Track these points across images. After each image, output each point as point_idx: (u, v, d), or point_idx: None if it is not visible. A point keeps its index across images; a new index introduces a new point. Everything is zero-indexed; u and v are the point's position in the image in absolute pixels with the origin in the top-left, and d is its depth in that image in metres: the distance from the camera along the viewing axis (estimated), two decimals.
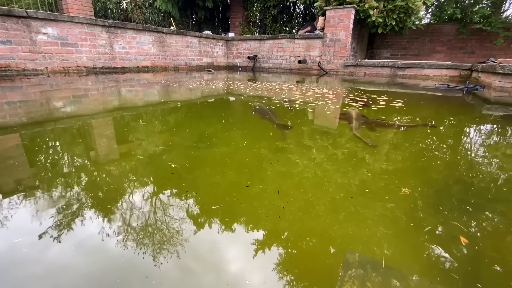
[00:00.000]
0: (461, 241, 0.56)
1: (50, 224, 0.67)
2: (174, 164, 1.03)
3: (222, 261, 0.57)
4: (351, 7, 5.68)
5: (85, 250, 0.59)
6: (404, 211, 0.76)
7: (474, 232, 0.68)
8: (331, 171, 1.01)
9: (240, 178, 0.93)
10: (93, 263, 0.55)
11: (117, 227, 0.67)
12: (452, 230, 0.69)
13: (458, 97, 3.03)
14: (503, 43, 6.97)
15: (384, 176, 0.98)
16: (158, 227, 0.68)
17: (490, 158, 1.20)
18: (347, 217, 0.73)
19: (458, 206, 0.80)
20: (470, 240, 0.65)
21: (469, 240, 0.65)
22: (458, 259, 0.59)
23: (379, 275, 0.54)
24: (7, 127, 1.48)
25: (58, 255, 0.57)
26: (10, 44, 3.83)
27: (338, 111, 2.10)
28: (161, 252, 0.59)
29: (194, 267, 0.55)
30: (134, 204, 0.77)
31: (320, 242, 0.63)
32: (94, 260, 0.56)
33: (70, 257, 0.57)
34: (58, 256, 0.57)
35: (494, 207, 0.80)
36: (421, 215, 0.74)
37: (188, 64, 6.89)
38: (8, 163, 1.01)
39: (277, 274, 0.54)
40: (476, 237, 0.67)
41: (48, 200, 0.78)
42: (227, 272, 0.54)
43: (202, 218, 0.72)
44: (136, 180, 0.92)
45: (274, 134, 1.46)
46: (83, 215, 0.71)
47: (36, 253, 0.57)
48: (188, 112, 2.02)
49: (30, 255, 0.57)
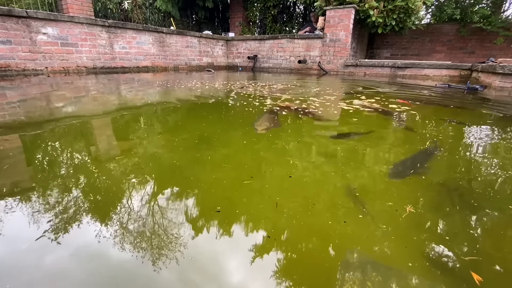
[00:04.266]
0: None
1: (48, 227, 0.67)
2: (177, 161, 1.03)
3: (225, 265, 0.57)
4: (351, 7, 5.68)
5: (84, 254, 0.59)
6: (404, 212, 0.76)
7: (474, 232, 0.68)
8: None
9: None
10: (91, 265, 0.55)
11: (117, 229, 0.67)
12: (453, 229, 0.69)
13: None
14: (503, 42, 6.97)
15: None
16: (157, 230, 0.68)
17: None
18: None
19: (460, 204, 0.80)
20: (470, 240, 0.65)
21: (468, 240, 0.65)
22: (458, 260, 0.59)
23: (378, 273, 0.54)
24: (7, 126, 1.48)
25: (56, 257, 0.57)
26: (10, 44, 3.83)
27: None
28: (161, 257, 0.59)
29: (193, 266, 0.55)
30: (133, 204, 0.77)
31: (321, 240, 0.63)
32: (93, 261, 0.56)
33: (69, 258, 0.57)
34: (57, 258, 0.57)
35: (494, 206, 0.80)
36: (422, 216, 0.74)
37: (188, 64, 6.89)
38: (7, 163, 1.01)
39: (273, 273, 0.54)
40: (477, 236, 0.67)
41: (47, 200, 0.78)
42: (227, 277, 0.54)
43: (204, 216, 0.72)
44: (135, 179, 0.92)
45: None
46: (80, 218, 0.71)
47: (32, 256, 0.57)
48: (189, 112, 2.02)
49: (24, 258, 0.57)
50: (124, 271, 0.54)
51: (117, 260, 0.56)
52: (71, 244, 0.60)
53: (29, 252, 0.58)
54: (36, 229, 0.65)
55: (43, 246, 0.59)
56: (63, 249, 0.59)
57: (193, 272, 0.54)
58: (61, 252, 0.58)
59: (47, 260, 0.56)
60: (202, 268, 0.55)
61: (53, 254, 0.57)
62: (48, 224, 0.67)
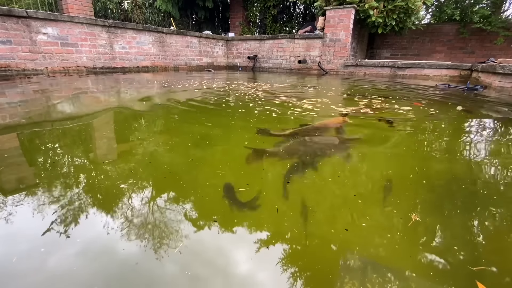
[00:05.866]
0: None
1: (47, 227, 0.67)
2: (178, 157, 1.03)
3: (228, 262, 0.57)
4: (351, 7, 5.68)
5: (84, 255, 0.59)
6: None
7: (474, 232, 0.68)
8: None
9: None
10: (91, 267, 0.55)
11: (117, 227, 0.67)
12: (454, 228, 0.69)
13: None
14: (503, 42, 6.97)
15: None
16: (150, 237, 0.68)
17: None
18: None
19: (460, 205, 0.80)
20: (469, 239, 0.65)
21: (469, 239, 0.65)
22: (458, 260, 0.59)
23: (377, 271, 0.54)
24: (7, 126, 1.48)
25: (55, 260, 0.57)
26: (10, 44, 3.83)
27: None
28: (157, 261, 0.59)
29: (194, 266, 0.55)
30: (131, 203, 0.77)
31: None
32: (91, 264, 0.56)
33: (67, 261, 0.57)
34: (55, 261, 0.57)
35: (494, 205, 0.80)
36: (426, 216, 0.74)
37: (188, 64, 6.89)
38: (5, 163, 1.01)
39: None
40: (476, 236, 0.67)
41: (46, 200, 0.78)
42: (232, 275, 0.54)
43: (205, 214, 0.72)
44: (133, 179, 0.92)
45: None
46: (77, 220, 0.71)
47: (32, 258, 0.57)
48: (189, 112, 2.02)
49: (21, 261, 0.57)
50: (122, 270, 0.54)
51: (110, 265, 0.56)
52: (68, 241, 0.60)
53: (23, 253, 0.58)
54: (33, 230, 0.65)
55: (43, 243, 0.59)
56: (62, 247, 0.59)
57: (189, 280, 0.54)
58: (60, 250, 0.58)
59: (45, 261, 0.56)
60: (201, 276, 0.55)
61: (50, 253, 0.57)
62: (25, 234, 0.67)
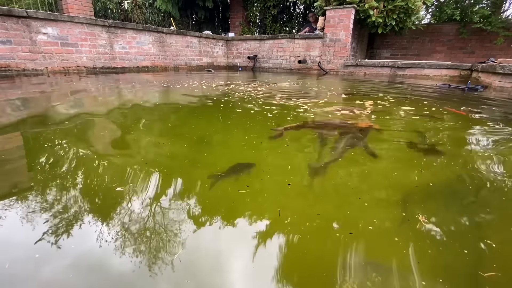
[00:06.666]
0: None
1: (45, 230, 0.67)
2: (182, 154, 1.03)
3: (226, 259, 0.57)
4: (351, 7, 5.68)
5: (77, 267, 0.59)
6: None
7: (474, 232, 0.68)
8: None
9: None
10: (89, 270, 0.55)
11: (115, 232, 0.67)
12: (455, 228, 0.69)
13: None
14: (503, 42, 6.97)
15: None
16: (146, 240, 0.68)
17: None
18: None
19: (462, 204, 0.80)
20: (470, 240, 0.65)
21: (469, 239, 0.65)
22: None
23: (376, 270, 0.54)
24: (7, 126, 1.47)
25: (53, 263, 0.57)
26: (10, 44, 3.83)
27: None
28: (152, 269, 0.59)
29: (192, 264, 0.55)
30: (129, 203, 0.77)
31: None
32: (90, 267, 0.56)
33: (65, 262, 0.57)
34: (54, 264, 0.57)
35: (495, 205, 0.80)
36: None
37: (188, 64, 6.89)
38: (4, 163, 1.01)
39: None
40: (477, 236, 0.67)
41: (45, 201, 0.78)
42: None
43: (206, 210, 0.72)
44: (133, 179, 0.92)
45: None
46: (72, 225, 0.71)
47: (30, 263, 0.57)
48: (190, 112, 2.02)
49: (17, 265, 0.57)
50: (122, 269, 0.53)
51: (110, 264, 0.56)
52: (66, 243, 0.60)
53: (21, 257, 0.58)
54: (31, 231, 0.65)
55: (42, 244, 0.59)
56: (60, 250, 0.59)
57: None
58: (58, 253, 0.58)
59: (43, 264, 0.56)
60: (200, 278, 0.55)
61: (49, 257, 0.57)
62: (44, 228, 0.67)
